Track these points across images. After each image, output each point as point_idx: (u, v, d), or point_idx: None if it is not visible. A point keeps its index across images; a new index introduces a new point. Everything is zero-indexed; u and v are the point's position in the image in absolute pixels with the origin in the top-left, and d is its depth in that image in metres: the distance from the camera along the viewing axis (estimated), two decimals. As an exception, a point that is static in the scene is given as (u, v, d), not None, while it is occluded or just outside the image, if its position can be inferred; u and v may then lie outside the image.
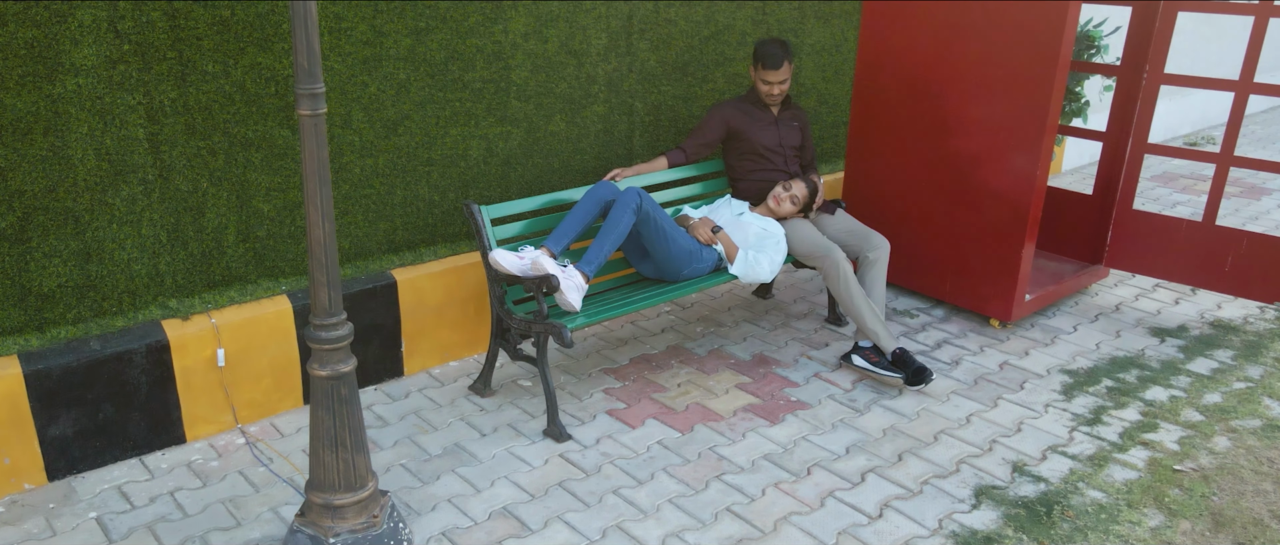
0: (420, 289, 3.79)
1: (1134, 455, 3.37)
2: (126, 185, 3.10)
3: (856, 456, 3.34)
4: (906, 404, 3.71)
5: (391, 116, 3.63)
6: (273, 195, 3.43)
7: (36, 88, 2.87)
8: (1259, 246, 4.40)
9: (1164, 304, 4.75)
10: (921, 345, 4.24)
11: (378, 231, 3.74)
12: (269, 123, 3.35)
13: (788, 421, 3.56)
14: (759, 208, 4.12)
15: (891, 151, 4.56)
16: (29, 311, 3.03)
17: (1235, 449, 3.42)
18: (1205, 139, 8.16)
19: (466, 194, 3.95)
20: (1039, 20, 3.87)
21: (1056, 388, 3.86)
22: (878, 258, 4.04)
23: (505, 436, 3.42)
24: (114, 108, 3.01)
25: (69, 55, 2.90)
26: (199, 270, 3.34)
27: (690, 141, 4.21)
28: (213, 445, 3.33)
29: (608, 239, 3.49)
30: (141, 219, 3.16)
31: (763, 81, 4.11)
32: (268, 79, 3.31)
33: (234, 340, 3.34)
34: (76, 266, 3.07)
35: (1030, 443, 3.44)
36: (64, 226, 3.01)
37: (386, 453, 3.31)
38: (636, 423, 3.54)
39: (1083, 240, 4.97)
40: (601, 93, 4.25)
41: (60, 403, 3.02)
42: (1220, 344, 4.29)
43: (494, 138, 3.95)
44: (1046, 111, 3.94)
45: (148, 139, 3.11)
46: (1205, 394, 3.83)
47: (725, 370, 3.97)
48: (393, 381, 3.81)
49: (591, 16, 4.08)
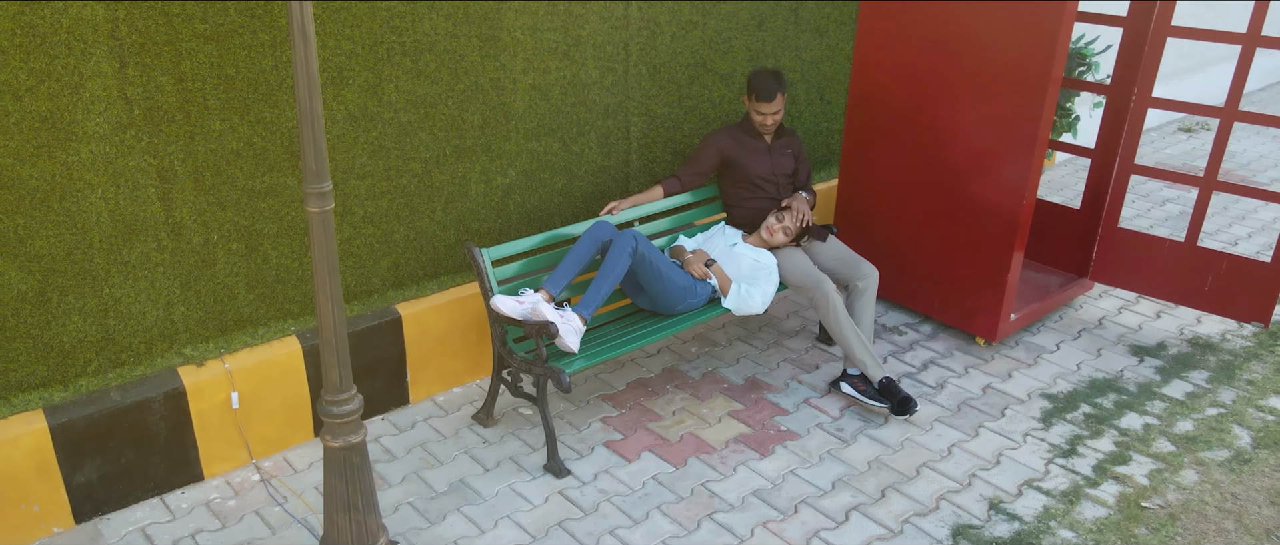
0: (424, 322, 3.92)
1: (1105, 490, 3.55)
2: (140, 242, 3.22)
3: (842, 492, 3.51)
4: (891, 434, 3.88)
5: (393, 160, 3.73)
6: (279, 241, 3.55)
7: (51, 157, 2.97)
8: (1237, 268, 4.53)
9: (1145, 318, 4.89)
10: (908, 366, 4.40)
11: (381, 268, 3.87)
12: (275, 173, 3.45)
13: (777, 454, 3.73)
14: (752, 237, 4.23)
15: (884, 167, 4.65)
16: (52, 366, 3.17)
17: (1202, 483, 3.59)
18: (1202, 126, 8.22)
19: (467, 226, 4.06)
20: (1031, 38, 3.92)
21: (1036, 414, 4.03)
22: (867, 287, 4.17)
23: (507, 472, 3.60)
24: (126, 170, 3.12)
25: (81, 124, 2.99)
26: (211, 317, 3.47)
27: (685, 170, 4.31)
28: (229, 482, 3.50)
29: (605, 282, 3.62)
30: (155, 273, 3.28)
31: (756, 112, 4.19)
32: (273, 131, 3.40)
33: (247, 382, 3.49)
34: (95, 322, 3.21)
35: (1007, 476, 3.61)
36: (82, 285, 3.14)
37: (395, 490, 3.49)
38: (633, 455, 3.71)
39: (1070, 252, 5.09)
40: (598, 120, 4.33)
41: (84, 451, 3.19)
42: (1197, 364, 4.45)
43: (493, 172, 4.04)
44: (1037, 128, 3.99)
45: (159, 198, 3.21)
46: (1178, 421, 3.99)
47: (718, 395, 4.13)
48: (399, 411, 3.97)
49: (588, 47, 4.15)
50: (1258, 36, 4.19)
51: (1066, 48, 3.93)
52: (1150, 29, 4.51)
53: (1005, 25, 3.99)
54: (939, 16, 4.20)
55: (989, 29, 4.05)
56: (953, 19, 4.16)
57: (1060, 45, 3.88)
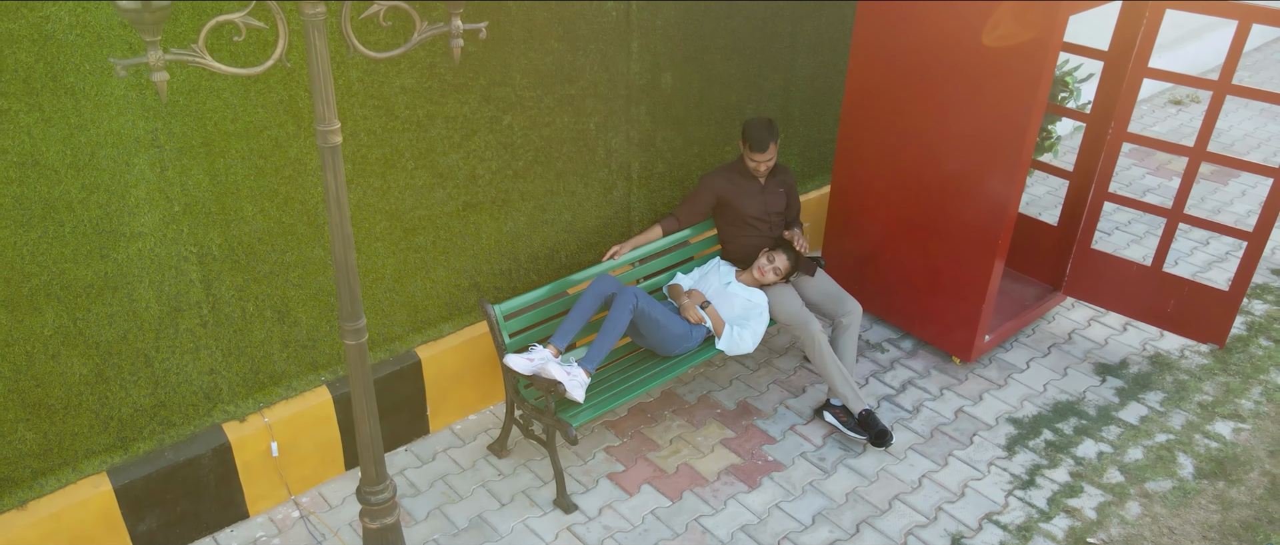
0: (441, 362, 4.27)
1: (1057, 524, 3.96)
2: (185, 320, 3.54)
3: (821, 528, 3.93)
4: (868, 464, 4.27)
5: (410, 222, 4.00)
6: (308, 305, 3.86)
7: (104, 256, 3.26)
8: (1197, 294, 4.85)
9: (1113, 332, 5.24)
10: (888, 387, 4.77)
11: (401, 316, 4.18)
12: (302, 245, 3.74)
13: (764, 486, 4.13)
14: (744, 275, 4.53)
15: (872, 181, 4.86)
16: (112, 435, 3.53)
17: (1143, 517, 4.00)
18: (1191, 99, 8.37)
19: (479, 270, 4.36)
20: (1017, 68, 4.07)
21: (1001, 441, 4.41)
22: (850, 324, 4.50)
23: (521, 507, 4.00)
24: (170, 259, 3.41)
25: (129, 225, 3.27)
26: (250, 376, 3.81)
27: (683, 210, 4.58)
28: (272, 519, 3.92)
29: (608, 338, 3.94)
30: (200, 345, 3.61)
31: (750, 159, 4.44)
32: (299, 209, 3.67)
33: (284, 431, 3.86)
34: (148, 392, 3.55)
35: (970, 510, 4.03)
36: (136, 363, 3.47)
37: (421, 527, 3.90)
38: (633, 488, 4.11)
39: (1046, 264, 5.39)
40: (600, 162, 4.58)
41: (145, 505, 3.58)
42: (1154, 384, 4.81)
43: (502, 219, 4.32)
44: (1020, 151, 4.17)
45: (200, 280, 3.51)
46: (1129, 449, 4.38)
47: (712, 421, 4.51)
48: (420, 440, 4.36)
49: (591, 94, 4.35)
50: (1228, 84, 4.39)
51: (1051, 77, 4.07)
52: (1129, 66, 4.71)
53: (993, 53, 4.13)
54: (931, 45, 4.35)
55: (977, 55, 4.19)
56: (944, 48, 4.31)
57: (1045, 76, 4.02)
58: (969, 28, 4.18)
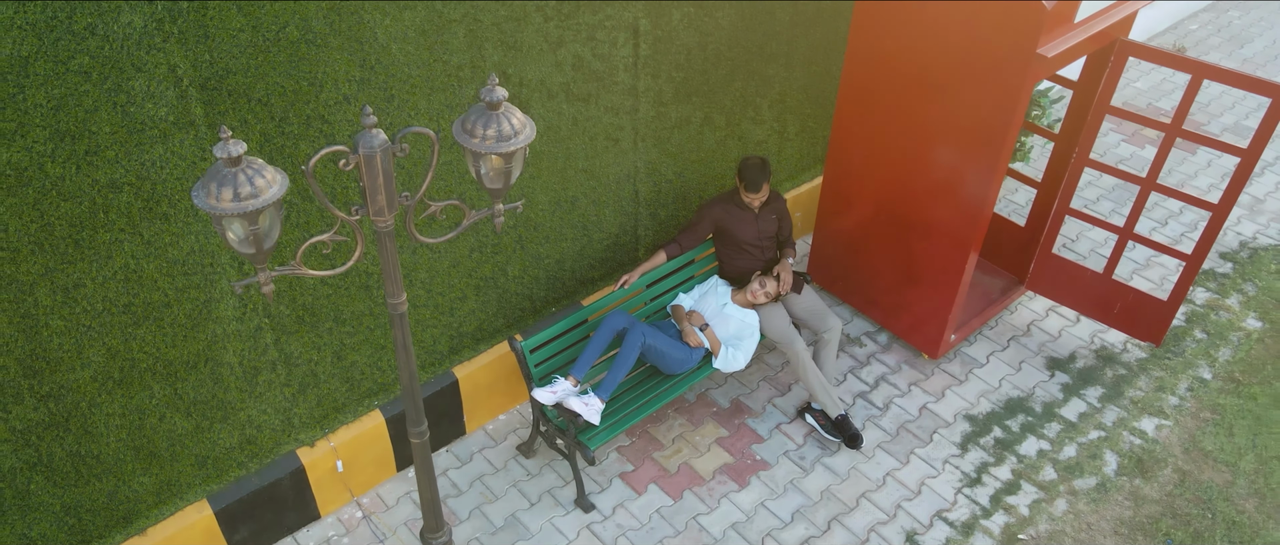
0: (475, 378, 4.94)
1: (995, 521, 4.74)
2: (263, 376, 4.18)
3: (798, 525, 4.70)
4: (841, 462, 5.01)
5: (443, 270, 4.57)
6: (362, 348, 4.49)
7: (194, 338, 3.87)
8: (1140, 300, 5.46)
9: (1067, 323, 5.88)
10: (863, 383, 5.46)
11: (442, 345, 4.81)
12: (355, 302, 4.33)
13: (753, 485, 4.89)
14: (738, 295, 5.13)
15: (860, 184, 5.38)
16: (208, 470, 4.24)
17: (1067, 513, 4.78)
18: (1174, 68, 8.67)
19: (506, 301, 4.95)
20: (998, 88, 4.48)
21: (956, 439, 5.14)
22: (831, 339, 5.14)
23: (547, 507, 4.77)
24: (248, 331, 4.01)
25: (213, 313, 3.86)
26: (317, 411, 4.49)
27: (684, 236, 5.13)
28: (340, 518, 4.69)
29: (620, 370, 4.60)
30: (276, 394, 4.27)
31: (745, 195, 4.95)
32: (356, 275, 4.24)
33: (347, 450, 4.58)
34: (235, 433, 4.24)
35: (924, 507, 4.79)
36: (226, 415, 4.14)
37: (465, 526, 4.68)
38: (641, 488, 4.86)
39: (1013, 260, 5.97)
40: (610, 192, 5.08)
41: (238, 520, 4.34)
42: (1096, 379, 5.50)
43: (526, 260, 4.87)
44: (996, 163, 4.64)
45: (274, 344, 4.13)
46: (1065, 446, 5.11)
47: (709, 420, 5.23)
48: (458, 441, 5.08)
49: (602, 140, 4.82)
50: (1178, 128, 4.85)
51: (1028, 98, 4.52)
52: (1094, 101, 5.13)
53: (974, 74, 4.52)
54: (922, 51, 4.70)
55: (961, 73, 4.58)
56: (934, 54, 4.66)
57: (1023, 95, 4.43)
58: (958, 37, 4.50)
